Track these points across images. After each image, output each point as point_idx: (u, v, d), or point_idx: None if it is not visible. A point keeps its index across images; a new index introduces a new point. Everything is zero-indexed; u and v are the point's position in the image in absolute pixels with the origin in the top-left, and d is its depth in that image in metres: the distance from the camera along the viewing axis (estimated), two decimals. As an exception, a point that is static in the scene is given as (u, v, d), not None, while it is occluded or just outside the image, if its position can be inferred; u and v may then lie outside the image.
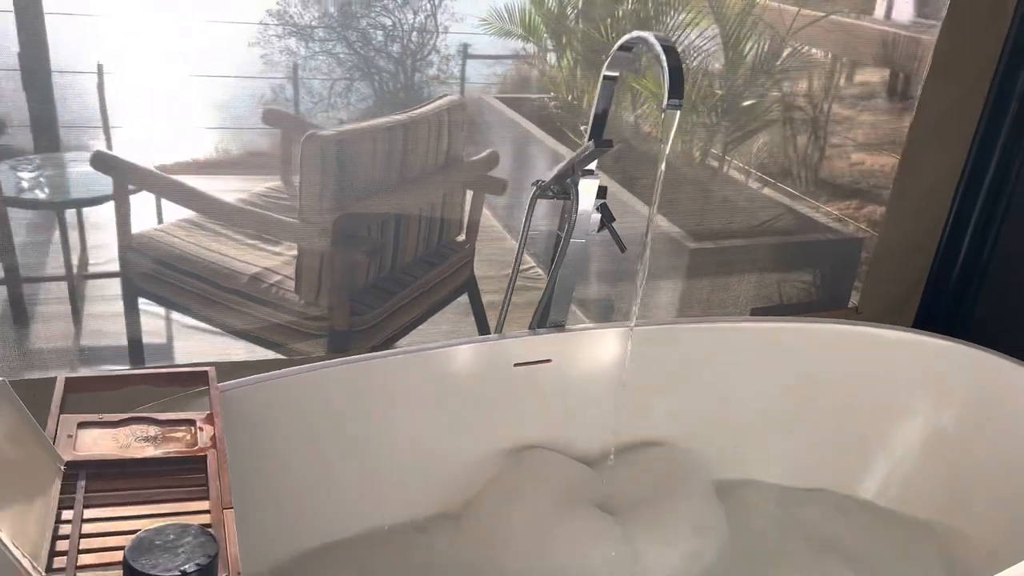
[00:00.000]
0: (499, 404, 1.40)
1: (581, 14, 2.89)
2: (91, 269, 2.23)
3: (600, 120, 1.33)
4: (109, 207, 2.00)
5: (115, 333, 2.14)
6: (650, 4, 2.75)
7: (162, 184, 1.90)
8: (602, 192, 1.37)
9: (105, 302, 2.15)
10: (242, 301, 1.87)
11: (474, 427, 1.38)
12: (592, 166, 1.35)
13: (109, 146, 2.07)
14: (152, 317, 2.07)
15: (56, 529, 0.83)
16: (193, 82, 2.22)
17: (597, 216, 1.37)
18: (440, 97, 2.09)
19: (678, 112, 1.16)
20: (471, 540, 1.31)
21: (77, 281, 2.26)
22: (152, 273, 1.96)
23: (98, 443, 0.97)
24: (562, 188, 1.35)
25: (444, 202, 2.09)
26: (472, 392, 1.37)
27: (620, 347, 1.45)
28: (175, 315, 2.02)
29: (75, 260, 2.23)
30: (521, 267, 1.41)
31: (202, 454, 0.98)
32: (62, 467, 0.91)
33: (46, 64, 3.21)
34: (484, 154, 2.30)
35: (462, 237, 2.27)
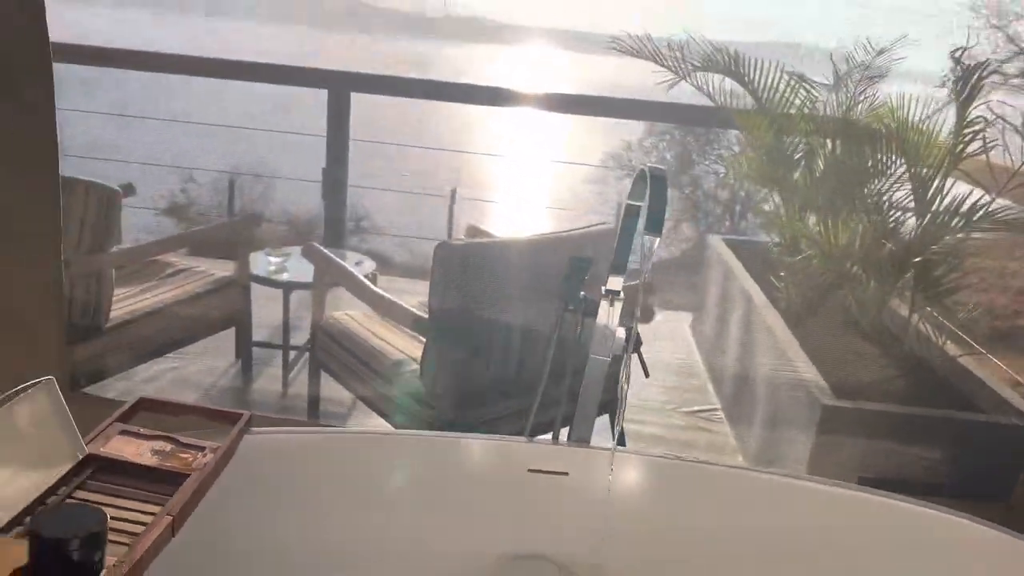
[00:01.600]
0: (507, 506, 1.43)
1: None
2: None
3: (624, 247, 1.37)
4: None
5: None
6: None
7: (344, 276, 2.27)
8: (627, 317, 1.38)
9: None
10: (378, 381, 2.13)
11: (477, 523, 1.43)
12: (618, 285, 1.38)
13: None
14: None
15: (44, 498, 1.08)
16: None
17: (621, 336, 1.38)
18: (597, 224, 2.22)
19: (656, 240, 1.18)
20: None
21: (286, 350, 2.72)
22: (324, 347, 2.31)
23: (122, 447, 1.24)
24: (589, 306, 1.40)
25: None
26: (480, 488, 1.43)
27: (639, 473, 1.41)
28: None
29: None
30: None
31: (187, 473, 1.19)
32: (80, 455, 1.18)
33: (344, 178, 3.95)
34: (634, 282, 2.35)
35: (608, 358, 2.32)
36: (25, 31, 1.46)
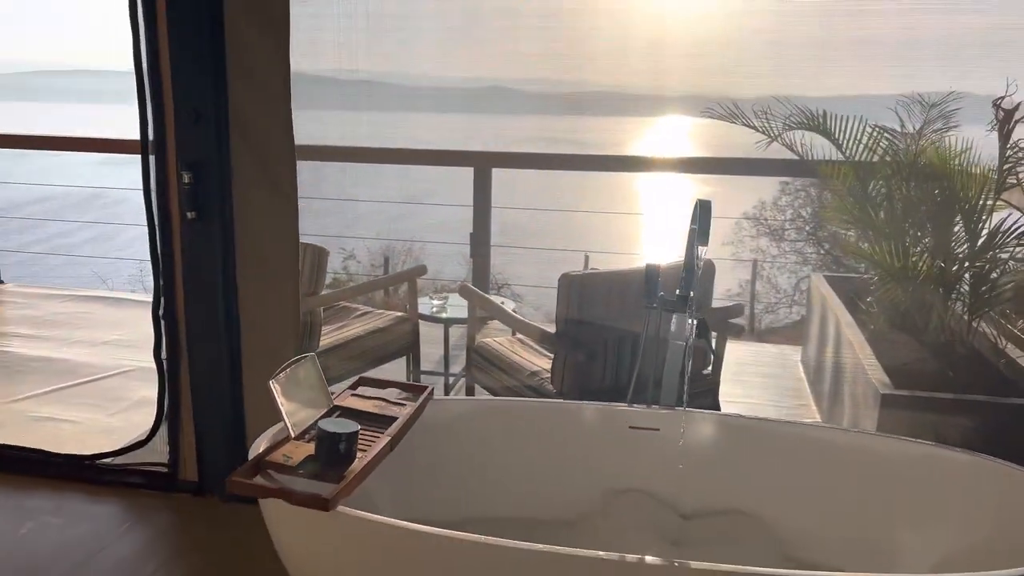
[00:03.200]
0: (613, 453, 1.98)
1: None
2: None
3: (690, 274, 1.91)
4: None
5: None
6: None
7: (492, 307, 2.91)
8: (702, 324, 1.90)
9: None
10: (522, 389, 2.72)
11: (592, 465, 1.98)
12: (688, 291, 1.92)
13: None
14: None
15: (314, 426, 1.74)
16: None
17: (693, 327, 1.91)
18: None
19: (705, 248, 1.73)
20: (577, 537, 1.88)
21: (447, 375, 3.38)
22: (477, 364, 2.94)
23: (353, 403, 1.89)
24: (666, 304, 1.93)
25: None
26: (594, 440, 1.99)
27: (715, 429, 1.92)
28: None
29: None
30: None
31: (396, 416, 1.83)
32: (330, 404, 1.84)
33: (487, 240, 4.66)
34: (731, 304, 2.84)
35: (708, 370, 2.81)
36: (279, 132, 2.19)
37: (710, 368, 2.80)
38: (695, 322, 1.93)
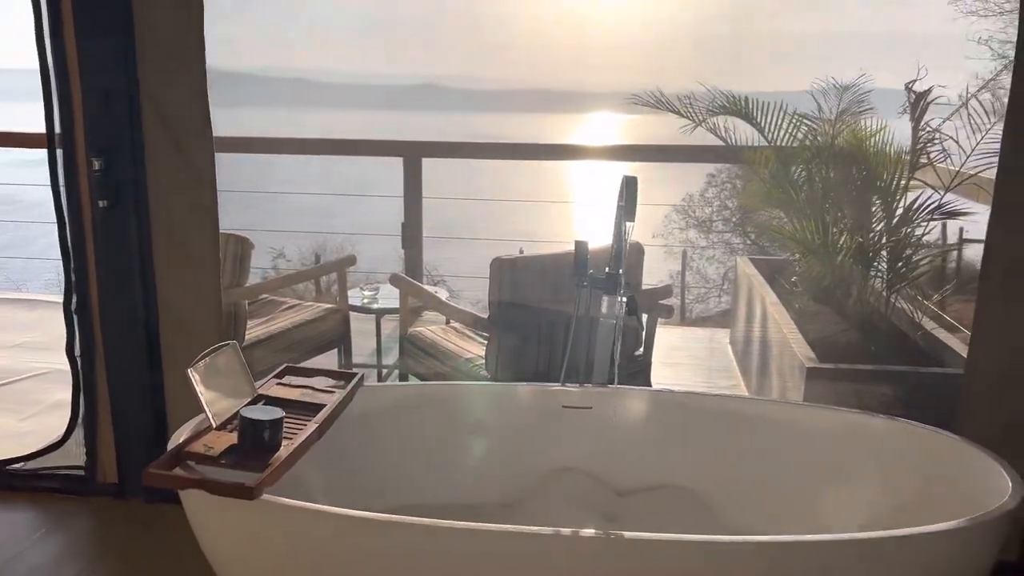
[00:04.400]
0: (547, 432, 1.97)
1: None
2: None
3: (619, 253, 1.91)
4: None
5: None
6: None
7: (424, 295, 2.87)
8: (632, 301, 1.90)
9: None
10: (457, 375, 2.69)
11: (527, 445, 1.96)
12: (618, 268, 1.92)
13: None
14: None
15: (236, 415, 1.68)
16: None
17: (622, 304, 1.92)
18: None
19: (632, 225, 1.74)
20: (515, 518, 1.87)
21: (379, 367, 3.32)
22: (411, 354, 2.90)
23: (279, 391, 1.83)
24: (595, 282, 1.94)
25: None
26: (531, 420, 1.97)
27: (646, 405, 1.93)
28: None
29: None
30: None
31: (324, 404, 1.78)
32: (255, 393, 1.78)
33: (419, 231, 4.61)
34: (660, 285, 2.87)
35: (639, 351, 2.83)
36: (194, 109, 2.09)
37: (641, 349, 2.82)
38: (625, 300, 1.94)
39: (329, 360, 3.33)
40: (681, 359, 3.86)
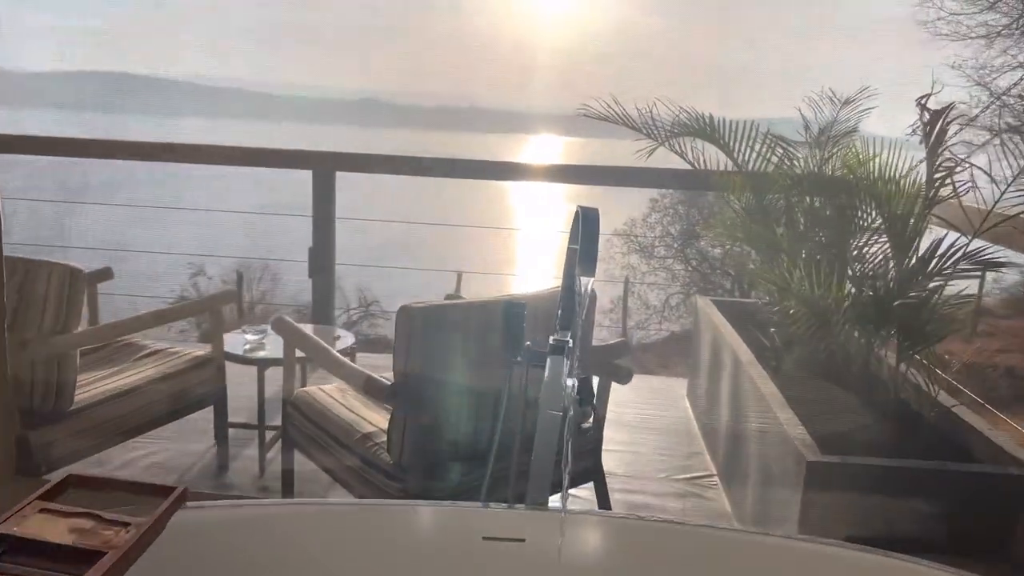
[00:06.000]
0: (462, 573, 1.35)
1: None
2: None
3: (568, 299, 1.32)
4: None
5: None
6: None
7: (309, 347, 2.23)
8: (585, 384, 1.32)
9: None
10: (350, 456, 2.05)
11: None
12: (566, 335, 1.33)
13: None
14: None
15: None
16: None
17: (573, 388, 1.32)
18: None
19: (590, 280, 1.15)
20: None
21: (262, 429, 2.66)
22: (296, 423, 2.25)
23: (40, 526, 1.17)
24: (534, 357, 1.34)
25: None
26: (433, 558, 1.35)
27: (601, 535, 1.33)
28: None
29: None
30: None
31: (103, 551, 1.12)
32: (-7, 535, 1.11)
33: (331, 257, 3.95)
34: (615, 341, 2.29)
35: (587, 424, 2.24)
36: None
37: (590, 421, 2.24)
38: (576, 384, 1.35)
39: (205, 423, 2.65)
40: (629, 417, 3.29)
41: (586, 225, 1.16)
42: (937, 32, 4.04)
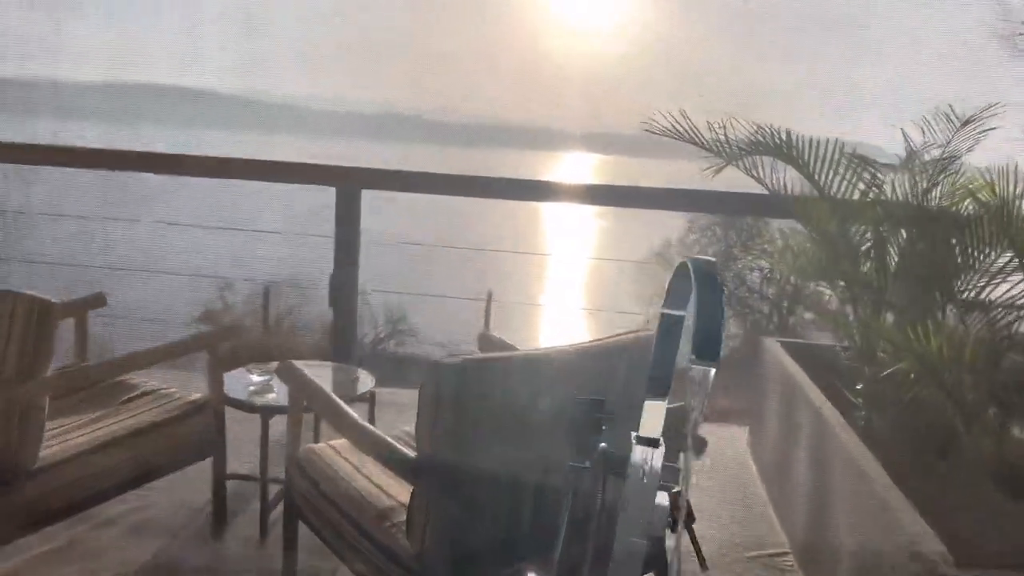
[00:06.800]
0: None
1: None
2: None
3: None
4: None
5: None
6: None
7: (317, 400, 1.86)
8: (672, 476, 0.96)
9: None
10: (360, 539, 1.68)
11: None
12: (656, 430, 0.97)
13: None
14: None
15: None
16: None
17: (664, 502, 0.95)
18: (634, 332, 1.79)
19: (712, 371, 0.79)
20: None
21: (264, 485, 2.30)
22: (300, 489, 1.89)
23: None
24: (612, 462, 0.97)
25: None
26: None
27: None
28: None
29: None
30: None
31: None
32: None
33: (354, 286, 3.60)
34: (677, 404, 1.89)
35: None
36: None
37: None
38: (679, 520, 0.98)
39: (203, 472, 2.30)
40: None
41: (705, 291, 0.79)
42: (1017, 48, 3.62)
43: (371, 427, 1.72)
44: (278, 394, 2.36)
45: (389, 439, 1.63)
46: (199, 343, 2.26)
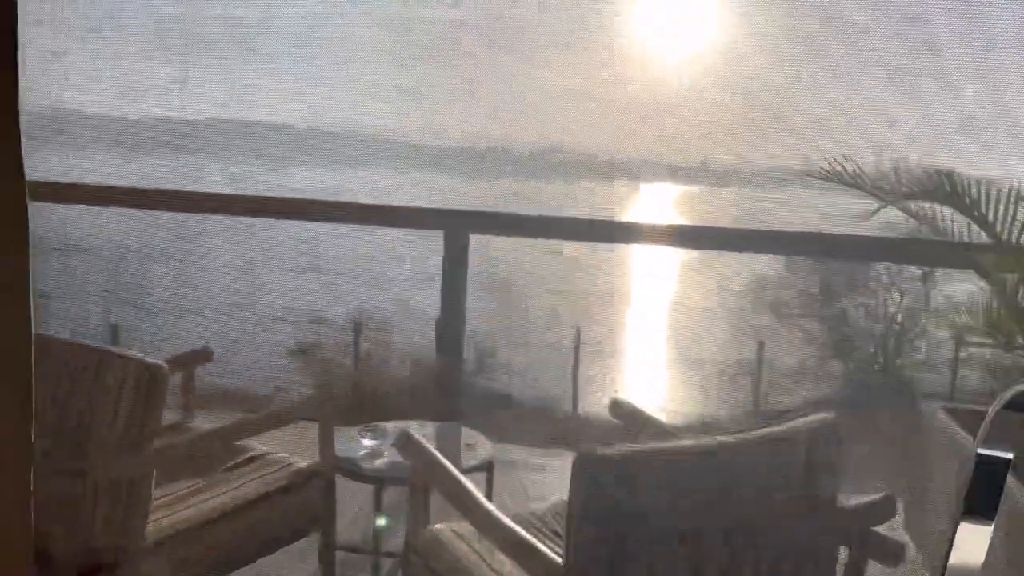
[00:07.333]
0: None
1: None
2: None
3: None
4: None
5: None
6: None
7: (443, 481, 1.65)
8: None
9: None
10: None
11: None
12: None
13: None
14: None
15: None
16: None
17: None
18: (803, 414, 1.52)
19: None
20: None
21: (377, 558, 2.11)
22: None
23: None
24: None
25: (798, 569, 1.44)
26: None
27: None
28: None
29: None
30: None
31: None
32: None
33: (460, 331, 3.42)
34: (874, 498, 1.60)
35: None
36: None
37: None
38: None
39: (311, 543, 2.12)
40: None
41: None
42: None
43: (507, 521, 1.49)
44: (388, 459, 2.18)
45: (531, 539, 1.40)
46: (307, 410, 2.10)
